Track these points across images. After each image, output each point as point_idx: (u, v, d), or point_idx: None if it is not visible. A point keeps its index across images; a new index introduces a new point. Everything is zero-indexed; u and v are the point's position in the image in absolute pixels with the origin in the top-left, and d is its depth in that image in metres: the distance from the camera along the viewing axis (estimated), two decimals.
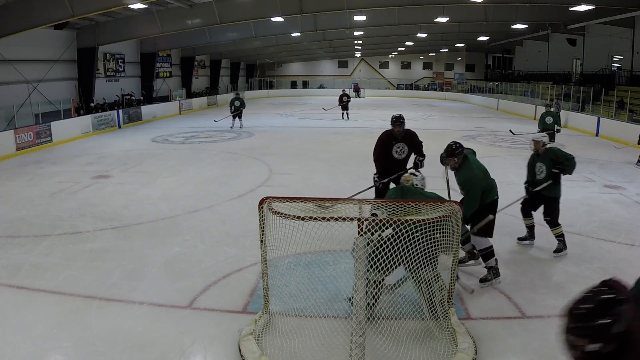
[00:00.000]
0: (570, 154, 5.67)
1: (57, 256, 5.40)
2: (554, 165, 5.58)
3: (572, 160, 5.60)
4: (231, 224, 6.52)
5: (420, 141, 6.11)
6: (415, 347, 3.52)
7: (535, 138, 5.83)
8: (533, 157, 5.84)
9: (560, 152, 5.66)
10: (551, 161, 5.61)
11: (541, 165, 5.70)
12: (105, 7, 13.36)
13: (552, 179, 5.60)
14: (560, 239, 5.61)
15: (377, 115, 23.45)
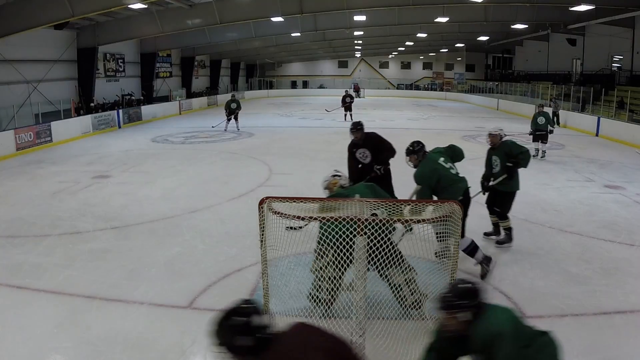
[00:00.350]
0: (525, 147, 5.63)
1: (57, 256, 5.40)
2: (508, 158, 5.54)
3: (527, 153, 5.56)
4: (231, 224, 6.52)
5: (388, 146, 6.00)
6: (415, 347, 3.52)
7: (492, 131, 5.78)
8: (489, 151, 5.84)
9: (515, 145, 5.61)
10: (505, 155, 5.57)
11: (496, 158, 5.67)
12: (105, 7, 13.36)
13: (506, 172, 5.56)
14: (507, 233, 5.57)
15: (377, 116, 23.44)
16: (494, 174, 5.70)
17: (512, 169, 5.52)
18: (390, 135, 6.44)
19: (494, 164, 5.71)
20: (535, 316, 4.09)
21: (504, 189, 5.61)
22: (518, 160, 5.50)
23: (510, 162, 5.51)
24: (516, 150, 5.53)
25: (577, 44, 28.26)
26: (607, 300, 4.39)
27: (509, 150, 5.57)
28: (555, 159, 11.84)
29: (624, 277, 4.88)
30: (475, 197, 5.51)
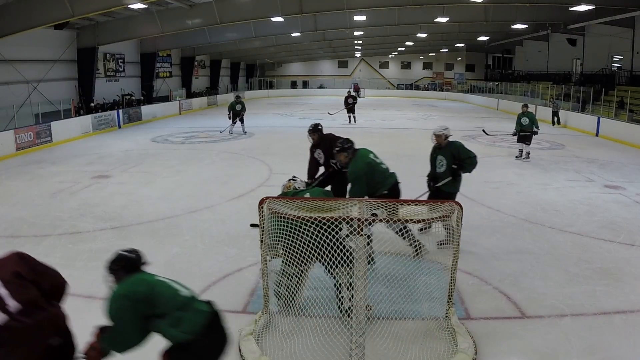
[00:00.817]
0: (473, 153, 5.55)
1: (57, 256, 5.39)
2: (454, 160, 5.49)
3: (474, 159, 5.49)
4: (231, 224, 6.52)
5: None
6: (415, 347, 3.53)
7: (436, 131, 5.72)
8: (434, 149, 5.79)
9: (463, 148, 5.55)
10: (452, 156, 5.52)
11: (442, 158, 5.62)
12: (105, 7, 13.37)
13: (451, 174, 5.52)
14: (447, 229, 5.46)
15: (377, 116, 23.46)
16: (438, 174, 5.66)
17: (456, 171, 5.49)
18: (391, 135, 6.44)
19: (438, 164, 5.68)
20: (535, 316, 4.09)
21: (448, 190, 5.60)
22: (464, 164, 5.46)
23: (455, 164, 5.48)
24: (464, 155, 5.48)
25: (577, 44, 28.27)
26: (607, 300, 4.39)
27: (456, 152, 5.52)
28: (555, 159, 11.85)
29: (624, 277, 4.88)
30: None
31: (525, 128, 11.24)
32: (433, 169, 5.78)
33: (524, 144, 11.40)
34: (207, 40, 23.25)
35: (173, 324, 2.43)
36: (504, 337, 3.77)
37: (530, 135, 11.26)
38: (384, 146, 13.36)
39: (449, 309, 3.86)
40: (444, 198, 5.37)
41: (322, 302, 3.98)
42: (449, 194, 5.59)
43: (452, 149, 5.57)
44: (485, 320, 4.02)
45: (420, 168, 10.36)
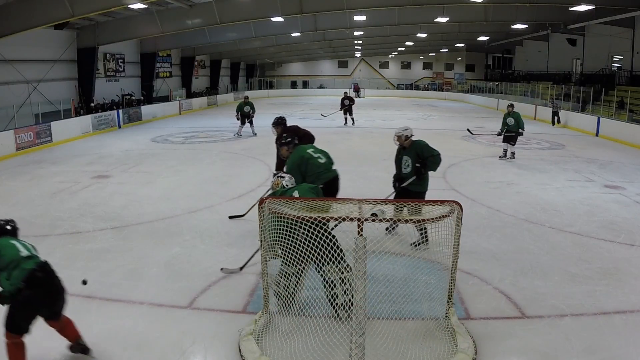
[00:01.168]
0: (437, 151, 5.55)
1: (57, 256, 5.39)
2: (418, 159, 5.48)
3: (437, 157, 5.49)
4: (231, 224, 6.52)
5: (304, 132, 6.50)
6: (415, 347, 3.53)
7: (397, 132, 5.70)
8: (399, 150, 5.78)
9: (427, 147, 5.55)
10: (416, 155, 5.50)
11: (407, 158, 5.61)
12: (105, 7, 13.36)
13: (415, 174, 5.50)
14: (422, 233, 5.20)
15: (377, 115, 23.47)
16: (405, 174, 5.64)
17: (419, 170, 5.48)
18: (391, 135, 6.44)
19: (404, 165, 5.66)
20: (535, 316, 4.09)
21: (415, 190, 5.57)
22: (427, 162, 5.44)
23: (418, 163, 5.47)
24: (427, 153, 5.47)
25: (577, 44, 28.27)
26: (607, 300, 4.39)
27: (420, 151, 5.51)
28: (555, 159, 11.85)
29: (624, 277, 4.88)
30: None
31: (510, 128, 11.19)
32: (398, 170, 5.77)
33: (509, 144, 11.37)
34: (207, 40, 23.24)
35: (7, 277, 3.19)
36: (504, 337, 3.77)
37: (515, 135, 11.21)
38: (384, 146, 13.35)
39: (449, 309, 3.86)
40: (414, 198, 5.38)
41: (321, 302, 3.98)
42: (416, 193, 5.56)
43: (416, 148, 5.56)
44: (485, 320, 4.02)
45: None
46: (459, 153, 12.36)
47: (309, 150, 5.22)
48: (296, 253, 3.55)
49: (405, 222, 3.34)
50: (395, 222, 5.57)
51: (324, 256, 3.46)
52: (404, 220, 3.43)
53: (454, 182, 9.07)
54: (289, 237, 3.53)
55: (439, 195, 7.81)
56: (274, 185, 4.39)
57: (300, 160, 5.10)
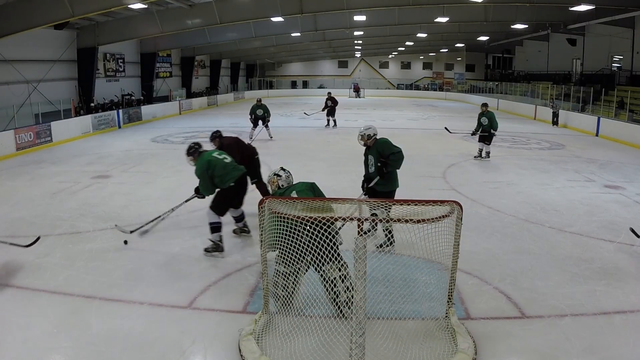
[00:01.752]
0: (398, 148, 5.42)
1: (57, 256, 5.39)
2: (380, 157, 5.37)
3: (398, 154, 5.35)
4: (231, 224, 6.51)
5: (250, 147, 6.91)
6: (415, 347, 3.53)
7: (360, 132, 5.62)
8: (365, 150, 5.72)
9: (387, 144, 5.42)
10: (378, 153, 5.39)
11: (371, 158, 5.51)
12: (105, 7, 13.36)
13: (378, 173, 5.39)
14: (388, 235, 5.08)
15: (377, 116, 23.47)
16: (371, 174, 5.55)
17: (381, 169, 5.37)
18: (391, 135, 6.45)
19: (370, 165, 5.57)
20: (535, 316, 4.09)
21: (382, 190, 5.46)
22: (389, 160, 5.33)
23: (379, 162, 5.37)
24: (387, 151, 5.36)
25: (577, 44, 28.27)
26: (607, 300, 4.39)
27: (381, 149, 5.41)
28: (555, 159, 11.85)
29: (624, 277, 4.88)
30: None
31: (485, 128, 11.12)
32: (366, 170, 5.69)
33: (484, 144, 11.27)
34: (207, 40, 23.25)
35: None
36: (504, 337, 3.77)
37: (489, 135, 11.11)
38: None
39: (449, 309, 3.86)
40: (383, 197, 5.32)
41: (321, 302, 3.98)
42: (383, 193, 5.44)
43: (377, 146, 5.46)
44: (485, 320, 4.02)
45: (420, 168, 10.43)
46: (459, 153, 12.36)
47: (214, 154, 5.50)
48: (296, 253, 3.56)
49: (405, 222, 3.33)
50: (375, 225, 5.58)
51: (324, 255, 3.46)
52: (404, 220, 3.42)
53: (454, 182, 9.07)
54: (289, 237, 3.53)
55: (439, 195, 7.84)
56: (269, 184, 4.43)
57: (207, 165, 5.33)
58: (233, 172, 5.41)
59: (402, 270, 4.74)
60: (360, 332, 3.12)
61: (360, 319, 3.13)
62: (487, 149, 11.31)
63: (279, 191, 4.33)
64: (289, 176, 4.49)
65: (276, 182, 4.40)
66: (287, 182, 4.42)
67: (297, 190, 4.24)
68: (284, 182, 4.41)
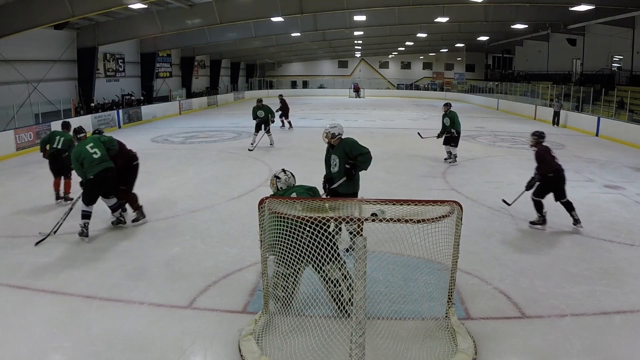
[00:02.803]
0: (366, 148, 5.20)
1: (57, 256, 5.40)
2: (347, 158, 5.14)
3: (366, 155, 5.12)
4: (231, 224, 6.52)
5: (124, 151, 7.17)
6: (415, 347, 3.53)
7: (325, 129, 5.42)
8: (328, 149, 5.50)
9: (356, 145, 5.20)
10: (345, 154, 5.17)
11: (335, 157, 5.30)
12: (105, 7, 13.37)
13: (346, 174, 5.16)
14: (352, 238, 4.96)
15: (377, 115, 23.46)
16: (334, 174, 5.34)
17: (349, 171, 5.16)
18: (391, 135, 6.44)
19: (332, 164, 5.35)
20: (535, 316, 4.09)
21: (344, 191, 5.25)
22: (357, 162, 5.13)
23: (348, 164, 5.15)
24: (355, 151, 5.13)
25: (577, 44, 28.27)
26: (607, 300, 4.39)
27: (348, 149, 5.18)
28: None
29: (624, 277, 4.88)
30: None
31: (447, 128, 10.67)
32: (327, 169, 5.49)
33: (450, 146, 10.70)
34: (207, 40, 23.26)
35: None
36: (504, 337, 3.77)
37: (452, 137, 10.57)
38: (384, 146, 13.37)
39: (449, 309, 3.86)
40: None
41: (321, 302, 3.98)
42: (348, 195, 5.24)
43: (344, 146, 5.24)
44: (485, 320, 4.02)
45: (420, 168, 10.43)
46: (459, 153, 12.35)
47: (87, 146, 6.06)
48: (296, 253, 3.56)
49: (405, 222, 3.33)
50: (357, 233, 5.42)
51: (325, 256, 3.46)
52: (404, 220, 3.43)
53: (454, 182, 9.07)
54: (290, 238, 3.53)
55: (439, 195, 7.84)
56: (270, 185, 4.45)
57: (78, 154, 6.00)
58: (96, 167, 5.95)
59: (402, 270, 4.74)
60: (360, 332, 3.12)
61: (360, 319, 3.13)
62: (455, 151, 10.73)
63: (279, 193, 4.33)
64: (289, 178, 4.44)
65: (275, 184, 4.39)
66: (287, 184, 4.40)
67: (296, 193, 4.24)
68: (283, 184, 4.39)
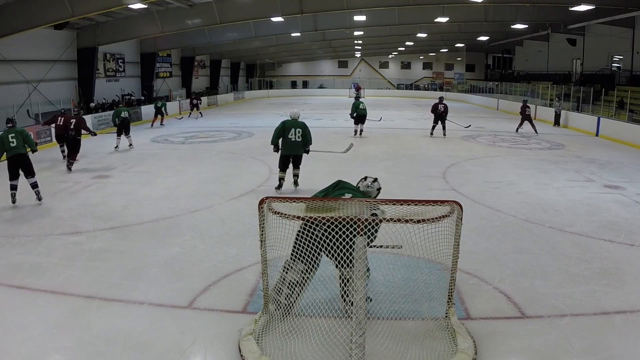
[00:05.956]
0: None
1: (57, 256, 5.39)
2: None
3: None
4: (231, 224, 6.52)
5: None
6: (415, 347, 3.53)
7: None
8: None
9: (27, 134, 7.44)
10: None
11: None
12: (105, 7, 13.37)
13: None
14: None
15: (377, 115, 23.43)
16: (294, 142, 6.41)
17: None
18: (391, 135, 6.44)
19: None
20: (535, 316, 4.09)
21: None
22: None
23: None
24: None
25: (577, 44, 28.27)
26: (607, 300, 4.39)
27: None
28: (555, 159, 11.85)
29: (624, 277, 4.88)
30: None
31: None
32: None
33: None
34: (207, 40, 23.25)
35: None
36: (504, 337, 3.77)
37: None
38: (384, 146, 13.37)
39: (449, 309, 3.86)
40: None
41: (321, 302, 3.98)
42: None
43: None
44: (485, 320, 4.02)
45: (420, 168, 10.44)
46: (459, 153, 12.37)
47: (10, 135, 7.47)
48: (314, 256, 3.51)
49: (405, 222, 3.33)
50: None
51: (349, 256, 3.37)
52: (404, 220, 3.43)
53: (454, 182, 9.07)
54: (307, 238, 3.49)
55: (439, 195, 7.84)
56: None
57: (1, 140, 7.46)
58: (10, 151, 7.49)
59: (402, 270, 4.74)
60: (360, 332, 3.12)
61: (360, 319, 3.13)
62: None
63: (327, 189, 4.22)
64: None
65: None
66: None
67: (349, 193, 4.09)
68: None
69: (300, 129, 8.00)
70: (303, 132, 8.02)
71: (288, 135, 7.94)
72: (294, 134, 7.95)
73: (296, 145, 7.99)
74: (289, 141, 7.95)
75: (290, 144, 7.97)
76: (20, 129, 7.86)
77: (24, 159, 7.61)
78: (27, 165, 7.63)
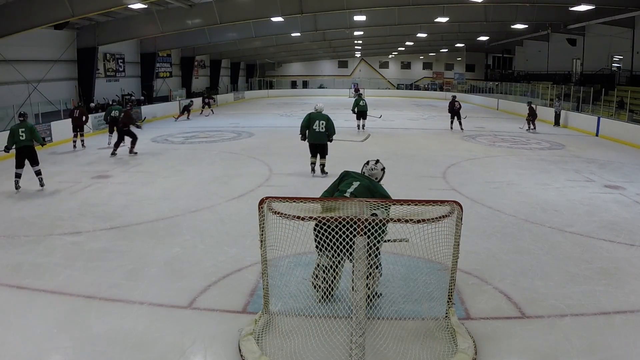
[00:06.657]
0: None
1: (57, 256, 5.39)
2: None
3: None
4: (231, 224, 6.52)
5: None
6: (415, 347, 3.53)
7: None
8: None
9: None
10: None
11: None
12: (105, 7, 13.37)
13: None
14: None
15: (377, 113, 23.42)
16: (317, 132, 6.85)
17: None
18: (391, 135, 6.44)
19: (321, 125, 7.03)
20: (535, 316, 4.09)
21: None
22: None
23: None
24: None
25: (577, 44, 28.27)
26: (607, 300, 4.39)
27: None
28: (555, 159, 11.85)
29: (624, 277, 4.88)
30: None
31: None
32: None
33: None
34: (207, 40, 23.25)
35: None
36: (504, 337, 3.77)
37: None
38: (384, 146, 13.37)
39: (449, 309, 3.86)
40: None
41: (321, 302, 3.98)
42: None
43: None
44: (485, 320, 4.02)
45: (420, 168, 10.43)
46: (459, 153, 12.37)
47: (20, 129, 8.29)
48: (335, 246, 3.50)
49: (405, 222, 3.32)
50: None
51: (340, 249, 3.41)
52: (404, 220, 3.43)
53: (454, 182, 9.07)
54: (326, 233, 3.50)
55: (439, 195, 7.84)
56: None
57: (11, 132, 8.26)
58: (17, 144, 8.33)
59: (402, 270, 4.74)
60: (360, 332, 3.13)
61: (360, 319, 3.13)
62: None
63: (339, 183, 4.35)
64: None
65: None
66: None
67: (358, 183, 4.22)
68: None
69: (324, 121, 9.01)
70: (327, 124, 9.01)
71: (313, 126, 8.98)
72: (318, 125, 8.97)
73: (320, 135, 9.02)
74: (313, 132, 9.01)
75: (315, 134, 9.02)
76: (30, 124, 8.65)
77: (31, 150, 8.54)
78: (32, 155, 8.55)
